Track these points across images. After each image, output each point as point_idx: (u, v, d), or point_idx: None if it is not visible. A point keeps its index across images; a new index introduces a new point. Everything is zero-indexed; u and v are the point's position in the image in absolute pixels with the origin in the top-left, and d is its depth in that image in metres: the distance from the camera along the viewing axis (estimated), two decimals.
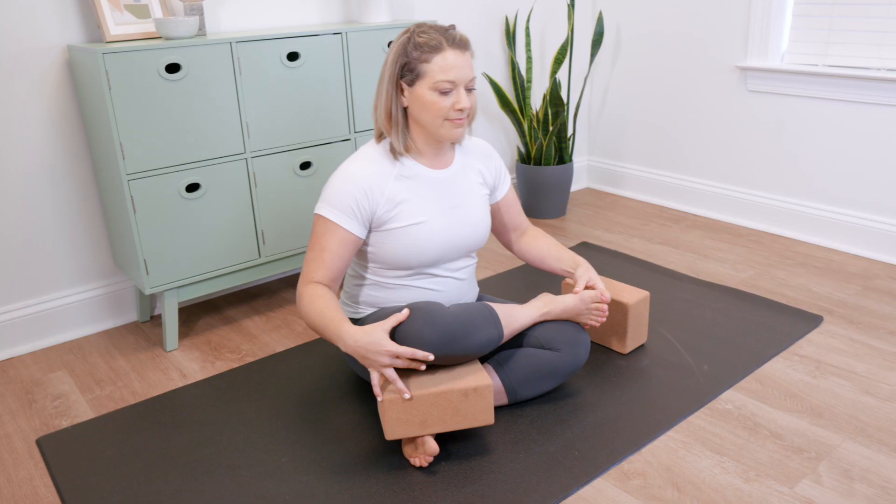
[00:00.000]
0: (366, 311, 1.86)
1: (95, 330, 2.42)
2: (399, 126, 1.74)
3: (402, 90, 1.71)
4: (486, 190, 1.91)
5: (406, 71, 1.68)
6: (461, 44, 1.68)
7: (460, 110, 1.69)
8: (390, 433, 1.60)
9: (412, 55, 1.67)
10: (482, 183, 1.90)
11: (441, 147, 1.80)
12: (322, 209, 1.72)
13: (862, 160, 2.75)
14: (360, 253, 1.83)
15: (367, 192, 1.71)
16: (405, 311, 1.61)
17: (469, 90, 1.71)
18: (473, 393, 1.61)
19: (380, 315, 1.79)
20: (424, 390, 1.59)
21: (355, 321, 1.87)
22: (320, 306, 1.65)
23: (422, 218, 1.75)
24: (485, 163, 1.92)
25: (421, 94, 1.68)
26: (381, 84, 1.73)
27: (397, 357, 1.57)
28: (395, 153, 1.76)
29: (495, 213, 2.01)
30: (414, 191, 1.76)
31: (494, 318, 1.70)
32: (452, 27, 1.71)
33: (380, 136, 1.80)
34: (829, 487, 1.57)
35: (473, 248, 1.87)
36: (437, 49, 1.65)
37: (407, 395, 1.56)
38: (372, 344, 1.55)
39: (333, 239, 1.71)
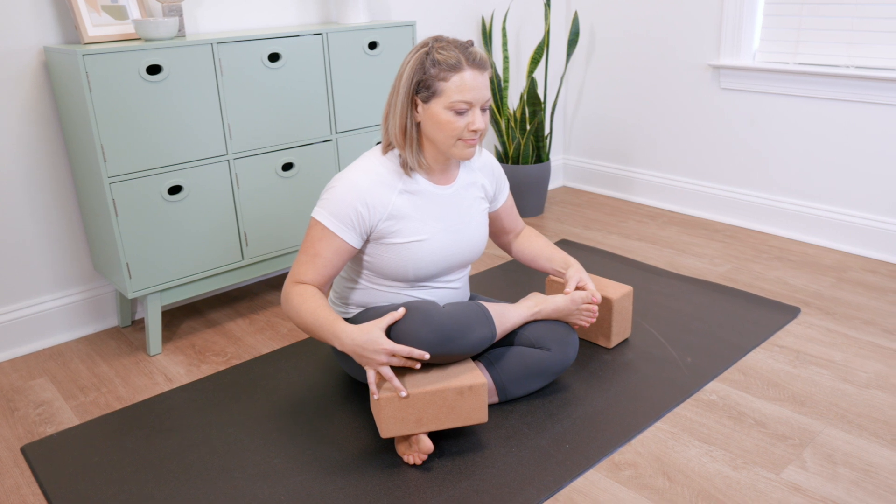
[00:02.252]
0: (356, 310, 1.86)
1: (75, 336, 2.38)
2: (414, 143, 1.69)
3: (415, 105, 1.67)
4: (486, 203, 1.91)
5: (422, 87, 1.63)
6: (480, 63, 1.63)
7: (474, 131, 1.66)
8: (385, 431, 1.61)
9: (430, 72, 1.62)
10: (483, 197, 1.90)
11: (448, 164, 1.78)
12: (320, 215, 1.69)
13: (833, 156, 2.83)
14: (356, 260, 1.82)
15: (369, 205, 1.68)
16: (401, 310, 1.62)
17: (484, 110, 1.67)
18: (468, 391, 1.62)
19: (370, 313, 1.79)
20: (420, 388, 1.60)
21: (345, 321, 1.87)
22: (312, 306, 1.65)
23: (423, 235, 1.74)
24: (488, 177, 1.91)
25: (435, 113, 1.64)
26: (394, 96, 1.68)
27: (394, 355, 1.57)
28: (406, 168, 1.72)
29: (494, 219, 2.02)
30: (417, 207, 1.74)
31: (488, 318, 1.71)
32: (470, 43, 1.66)
33: (387, 146, 1.75)
34: (815, 472, 1.61)
35: (470, 261, 1.88)
36: (455, 68, 1.60)
37: (403, 394, 1.57)
38: (369, 342, 1.56)
39: (329, 247, 1.69)
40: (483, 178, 1.90)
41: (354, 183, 1.68)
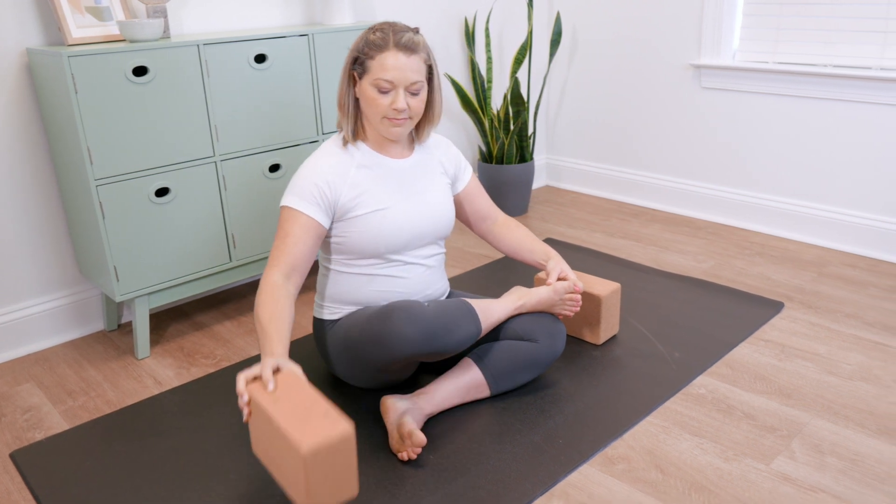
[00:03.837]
0: (342, 309, 1.87)
1: (61, 340, 2.35)
2: (349, 115, 1.82)
3: (354, 81, 1.79)
4: (447, 179, 1.97)
5: (357, 64, 1.77)
6: (407, 46, 1.72)
7: (397, 110, 1.74)
8: (253, 442, 1.47)
9: (363, 50, 1.75)
10: (443, 172, 1.96)
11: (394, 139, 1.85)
12: (286, 200, 1.77)
13: (812, 153, 2.88)
14: (329, 247, 1.86)
15: (329, 182, 1.77)
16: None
17: (413, 94, 1.75)
18: (294, 450, 1.25)
19: (360, 314, 1.79)
20: (270, 404, 1.35)
21: (334, 322, 1.88)
22: (269, 313, 1.58)
23: (385, 204, 1.80)
24: (443, 152, 1.99)
25: (364, 89, 1.75)
26: (341, 74, 1.81)
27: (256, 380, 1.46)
28: (344, 141, 1.83)
29: (462, 202, 2.06)
30: (375, 180, 1.82)
31: (473, 314, 1.73)
32: (413, 30, 1.76)
33: (340, 127, 1.86)
34: (803, 462, 1.64)
35: (439, 236, 1.91)
36: (381, 48, 1.71)
37: (270, 386, 1.41)
38: (265, 365, 1.45)
39: (297, 225, 1.74)
40: (440, 155, 1.97)
41: (312, 165, 1.79)
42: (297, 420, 1.29)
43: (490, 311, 1.83)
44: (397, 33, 1.73)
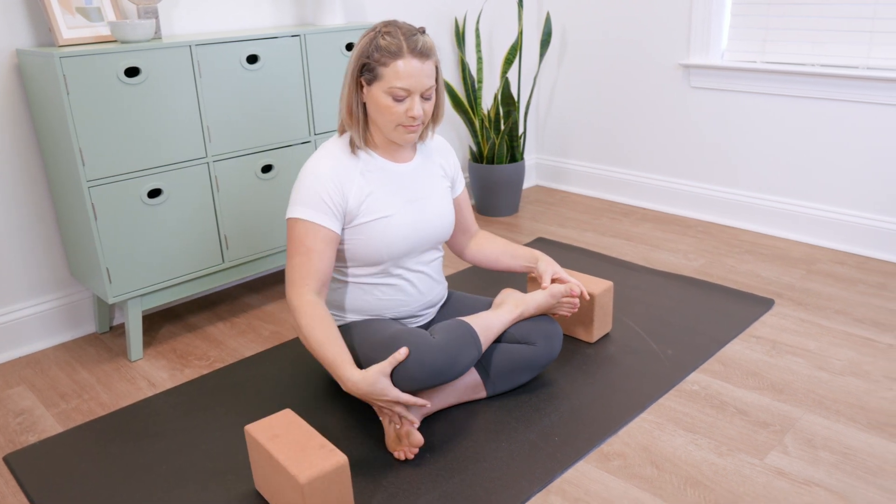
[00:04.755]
0: (344, 316, 1.87)
1: (52, 343, 2.34)
2: (359, 122, 1.75)
3: (361, 87, 1.72)
4: (447, 182, 1.94)
5: (366, 70, 1.68)
6: (422, 52, 1.66)
7: (412, 117, 1.69)
8: (256, 482, 1.61)
9: (373, 56, 1.66)
10: (444, 176, 1.93)
11: (398, 144, 1.82)
12: (297, 212, 1.70)
13: (800, 151, 2.91)
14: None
15: (336, 185, 1.71)
16: (403, 351, 1.60)
17: (427, 98, 1.71)
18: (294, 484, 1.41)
19: (364, 335, 1.78)
20: (276, 446, 1.47)
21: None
22: (320, 336, 1.61)
23: (389, 211, 1.77)
24: (445, 157, 1.96)
25: (376, 96, 1.68)
26: (345, 77, 1.74)
27: (398, 403, 1.59)
28: (353, 147, 1.77)
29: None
30: (378, 185, 1.77)
31: (475, 340, 1.73)
32: (420, 31, 1.69)
33: (342, 130, 1.81)
34: (796, 457, 1.66)
35: (440, 240, 1.90)
36: (395, 55, 1.64)
37: (428, 405, 1.61)
38: (376, 393, 1.56)
39: (317, 239, 1.69)
40: (440, 157, 1.94)
41: (318, 171, 1.72)
42: (295, 454, 1.43)
43: (490, 327, 1.82)
44: (409, 38, 1.65)
